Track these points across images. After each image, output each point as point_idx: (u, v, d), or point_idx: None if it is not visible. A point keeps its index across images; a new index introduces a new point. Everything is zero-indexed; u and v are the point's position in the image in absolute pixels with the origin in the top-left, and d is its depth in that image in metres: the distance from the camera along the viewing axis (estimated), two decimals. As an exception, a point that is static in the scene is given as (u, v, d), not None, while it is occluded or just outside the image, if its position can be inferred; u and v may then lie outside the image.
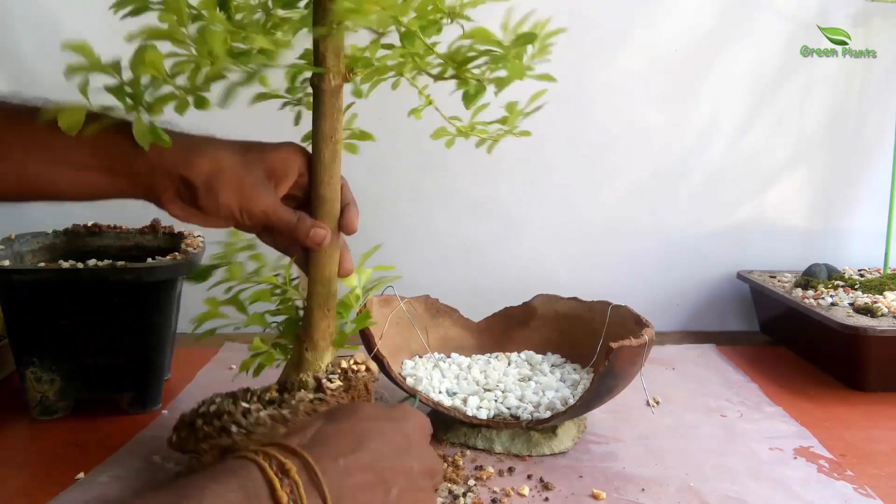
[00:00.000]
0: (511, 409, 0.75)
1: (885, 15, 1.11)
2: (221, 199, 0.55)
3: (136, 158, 0.54)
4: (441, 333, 0.91)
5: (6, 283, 0.75)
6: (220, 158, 0.55)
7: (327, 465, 0.42)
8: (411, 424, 0.49)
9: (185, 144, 0.55)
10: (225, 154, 0.55)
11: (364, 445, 0.45)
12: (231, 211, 0.56)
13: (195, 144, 0.56)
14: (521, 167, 1.12)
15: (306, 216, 0.58)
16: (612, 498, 0.64)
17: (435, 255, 1.15)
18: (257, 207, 0.56)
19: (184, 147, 0.55)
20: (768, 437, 0.76)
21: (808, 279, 1.05)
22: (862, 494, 0.65)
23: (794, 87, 1.13)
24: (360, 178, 1.07)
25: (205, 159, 0.55)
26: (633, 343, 0.67)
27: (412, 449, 0.48)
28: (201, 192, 0.55)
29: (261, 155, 0.57)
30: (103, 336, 0.77)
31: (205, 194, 0.55)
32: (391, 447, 0.46)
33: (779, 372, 0.97)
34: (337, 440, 0.45)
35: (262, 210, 0.57)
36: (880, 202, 1.09)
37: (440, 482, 0.53)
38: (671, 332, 1.15)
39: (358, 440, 0.45)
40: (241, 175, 0.55)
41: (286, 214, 0.58)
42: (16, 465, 0.70)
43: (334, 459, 0.43)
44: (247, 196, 0.56)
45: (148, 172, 0.55)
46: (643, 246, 1.17)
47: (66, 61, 0.49)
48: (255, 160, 0.57)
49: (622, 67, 1.11)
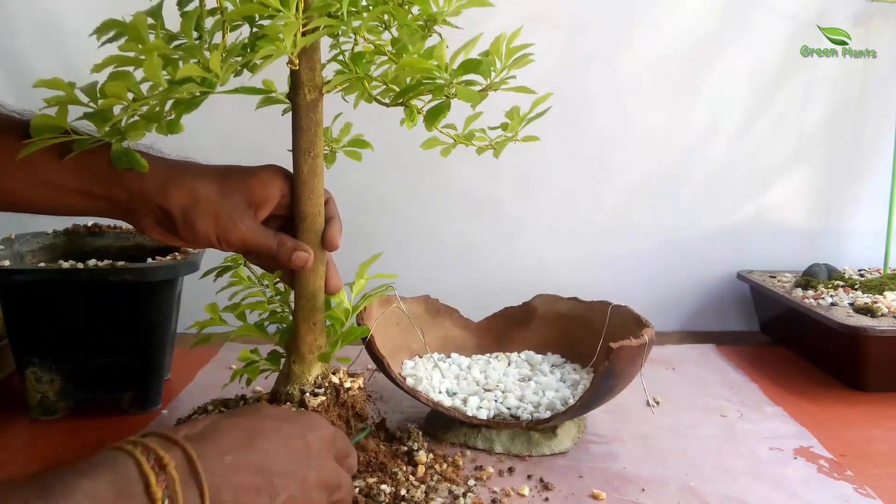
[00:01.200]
0: (511, 409, 0.75)
1: (885, 15, 1.11)
2: (199, 229, 0.55)
3: (114, 184, 0.55)
4: (441, 333, 0.91)
5: (6, 283, 0.75)
6: (196, 189, 0.55)
7: (212, 460, 0.40)
8: (317, 434, 0.47)
9: (163, 173, 0.55)
10: (202, 184, 0.55)
11: (256, 444, 0.43)
12: (209, 239, 0.56)
13: (172, 174, 0.55)
14: (522, 167, 1.12)
15: (287, 238, 0.58)
16: (612, 498, 0.64)
17: (435, 255, 1.15)
18: (234, 236, 0.56)
19: (161, 176, 0.55)
20: (768, 437, 0.76)
21: (808, 279, 1.05)
22: (862, 494, 0.65)
23: (794, 87, 1.13)
24: (361, 178, 1.08)
25: (181, 190, 0.55)
26: (633, 343, 0.67)
27: (311, 458, 0.45)
28: (178, 222, 0.55)
29: (241, 180, 0.57)
30: (103, 336, 0.77)
31: (182, 224, 0.55)
32: (287, 451, 0.44)
33: (779, 372, 0.97)
34: (228, 435, 0.43)
35: (240, 239, 0.57)
36: (880, 202, 1.09)
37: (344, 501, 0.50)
38: (671, 332, 1.15)
39: (250, 438, 0.43)
40: (218, 204, 0.55)
41: (265, 241, 0.57)
42: (16, 465, 0.70)
43: (220, 455, 0.41)
44: (223, 226, 0.56)
45: (126, 199, 0.55)
46: (643, 246, 1.17)
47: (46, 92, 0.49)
48: (234, 188, 0.56)
49: (622, 67, 1.11)
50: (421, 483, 0.64)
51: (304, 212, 0.58)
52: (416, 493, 0.62)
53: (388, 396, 0.86)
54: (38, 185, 0.55)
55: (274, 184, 0.58)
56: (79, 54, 1.03)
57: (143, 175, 0.54)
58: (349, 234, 1.16)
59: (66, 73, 0.51)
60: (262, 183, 0.58)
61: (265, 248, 0.57)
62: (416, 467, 0.66)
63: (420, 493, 0.62)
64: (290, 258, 0.58)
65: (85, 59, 0.47)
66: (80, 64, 1.01)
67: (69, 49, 1.02)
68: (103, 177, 0.55)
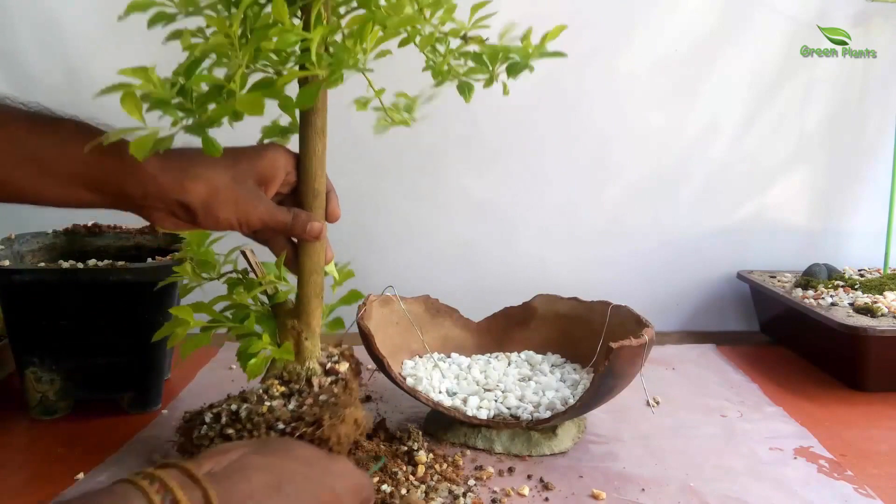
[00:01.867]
0: (511, 409, 0.75)
1: (885, 15, 1.10)
2: (221, 217, 0.57)
3: (128, 179, 0.55)
4: (441, 333, 0.90)
5: (6, 283, 0.75)
6: (213, 179, 0.56)
7: None
8: (346, 485, 0.45)
9: (178, 168, 0.56)
10: (217, 174, 0.56)
11: (283, 489, 0.40)
12: (231, 224, 0.58)
13: (187, 168, 0.56)
14: (522, 167, 1.12)
15: (300, 212, 0.60)
16: (612, 498, 0.64)
17: (435, 255, 1.15)
18: (255, 218, 0.58)
19: (177, 171, 0.55)
20: (768, 437, 0.76)
21: (808, 279, 1.05)
22: (862, 494, 0.65)
23: (794, 87, 1.13)
24: (361, 178, 1.09)
25: (199, 183, 0.56)
26: (633, 343, 0.67)
27: None
28: (200, 213, 0.57)
29: (250, 164, 0.58)
30: (103, 336, 0.77)
31: (204, 215, 0.57)
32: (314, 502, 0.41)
33: (779, 372, 0.97)
34: (255, 476, 0.40)
35: (260, 219, 0.58)
36: (880, 202, 1.09)
37: None
38: (671, 332, 1.15)
39: (278, 482, 0.40)
40: (236, 191, 0.57)
41: (282, 216, 0.59)
42: (16, 465, 0.70)
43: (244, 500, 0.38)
44: (244, 210, 0.57)
45: (140, 195, 0.56)
46: (643, 246, 1.17)
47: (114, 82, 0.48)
48: (245, 171, 0.58)
49: (622, 68, 1.11)
50: (421, 483, 0.64)
51: (318, 189, 0.61)
52: (416, 493, 0.62)
53: (388, 396, 0.86)
54: (47, 178, 0.55)
55: (280, 162, 0.60)
56: (79, 54, 1.04)
57: (158, 171, 0.55)
58: (349, 234, 1.17)
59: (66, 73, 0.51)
60: (269, 162, 0.59)
61: (282, 223, 0.59)
62: (416, 467, 0.66)
63: (420, 493, 0.62)
64: (306, 229, 0.60)
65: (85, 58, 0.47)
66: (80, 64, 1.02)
67: (69, 49, 1.02)
68: (117, 172, 0.55)
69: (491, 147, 1.12)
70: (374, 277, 0.85)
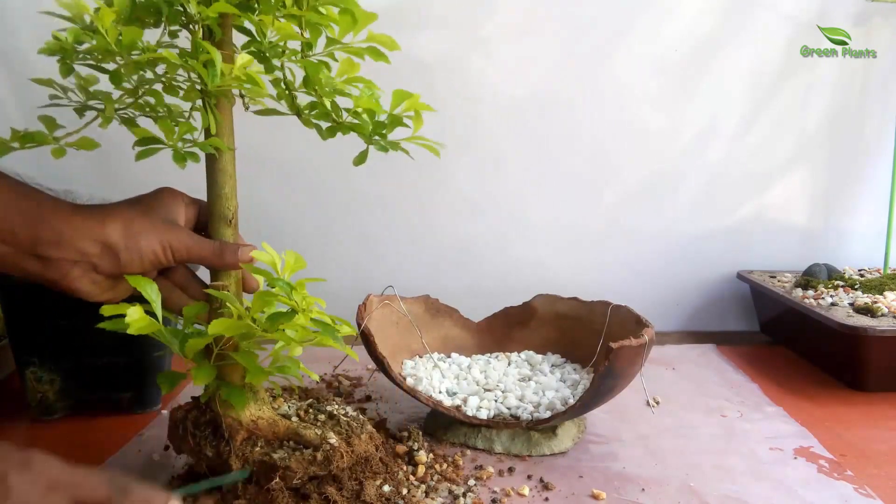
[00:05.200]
0: (511, 409, 0.75)
1: (885, 15, 1.11)
2: (144, 245, 0.54)
3: (43, 224, 0.52)
4: (441, 333, 0.91)
5: (6, 283, 0.75)
6: (126, 213, 0.55)
7: None
8: (27, 477, 0.42)
9: (90, 210, 0.54)
10: (128, 208, 0.55)
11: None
12: (156, 254, 0.55)
13: (99, 209, 0.55)
14: (522, 167, 1.12)
15: (225, 241, 0.57)
16: (612, 498, 0.64)
17: (435, 255, 1.15)
18: (178, 242, 0.55)
19: (91, 211, 0.54)
20: (768, 437, 0.76)
21: (808, 279, 1.05)
22: (862, 494, 0.65)
23: (794, 87, 1.13)
24: (361, 178, 1.08)
25: (115, 217, 0.54)
26: (633, 343, 0.67)
27: None
28: (122, 249, 0.54)
29: (152, 202, 0.57)
30: (103, 336, 0.77)
31: (126, 249, 0.54)
32: None
33: (779, 372, 0.97)
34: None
35: (185, 244, 0.56)
36: (880, 202, 1.09)
37: None
38: (671, 332, 1.15)
39: None
40: (151, 218, 0.55)
41: (208, 243, 0.57)
42: (16, 465, 0.70)
43: None
44: (165, 235, 0.55)
45: (55, 241, 0.52)
46: (643, 246, 1.17)
47: None
48: (152, 207, 0.56)
49: (622, 68, 1.11)
50: (421, 483, 0.64)
51: (234, 210, 0.58)
52: (416, 493, 0.62)
53: (388, 396, 0.86)
54: None
55: (177, 198, 0.58)
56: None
57: (72, 212, 0.53)
58: (350, 234, 1.16)
59: (65, 73, 0.51)
60: (169, 199, 0.58)
61: (208, 250, 0.56)
62: (416, 467, 0.66)
63: (420, 492, 0.62)
64: (237, 255, 0.57)
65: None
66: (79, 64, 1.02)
67: (69, 49, 1.02)
68: (33, 215, 0.52)
69: (491, 148, 1.12)
70: (374, 277, 0.85)
